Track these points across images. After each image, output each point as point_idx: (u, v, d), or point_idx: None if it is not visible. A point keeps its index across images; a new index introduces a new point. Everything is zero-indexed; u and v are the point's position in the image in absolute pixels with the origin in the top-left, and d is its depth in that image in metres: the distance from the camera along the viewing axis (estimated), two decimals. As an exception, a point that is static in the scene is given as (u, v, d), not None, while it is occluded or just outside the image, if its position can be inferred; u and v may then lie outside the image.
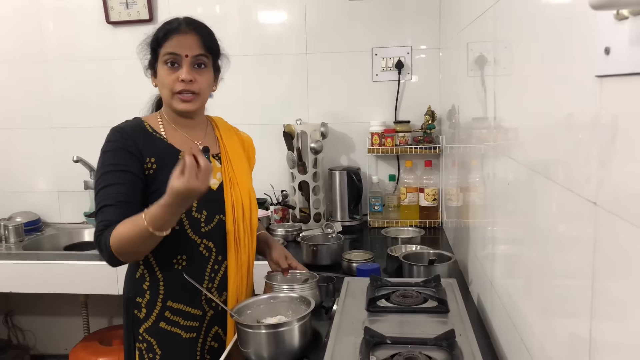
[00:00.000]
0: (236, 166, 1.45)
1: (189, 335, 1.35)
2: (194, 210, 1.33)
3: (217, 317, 1.39)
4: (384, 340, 1.07)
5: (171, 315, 1.34)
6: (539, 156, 0.88)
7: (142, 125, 1.35)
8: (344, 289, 1.40)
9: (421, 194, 2.40)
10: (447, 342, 1.06)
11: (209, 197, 1.34)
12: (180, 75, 1.31)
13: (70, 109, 2.72)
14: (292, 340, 1.17)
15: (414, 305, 1.28)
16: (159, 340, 1.34)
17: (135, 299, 1.35)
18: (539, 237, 0.90)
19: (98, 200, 1.27)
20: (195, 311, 1.36)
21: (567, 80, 0.74)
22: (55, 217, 2.78)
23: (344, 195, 2.42)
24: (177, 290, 1.34)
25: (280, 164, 2.51)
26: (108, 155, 1.29)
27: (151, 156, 1.31)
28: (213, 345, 1.39)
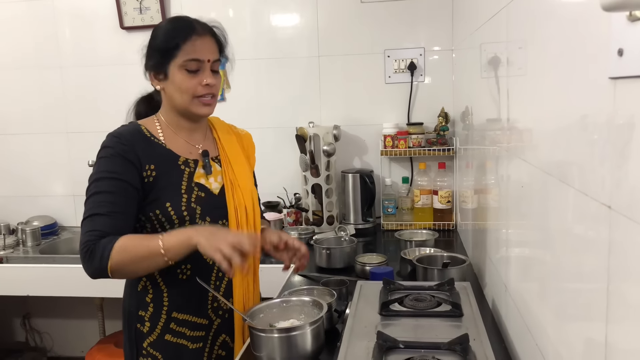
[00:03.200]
0: (236, 168, 1.41)
1: (195, 345, 1.33)
2: (198, 218, 1.30)
3: (224, 325, 1.38)
4: (397, 345, 1.07)
5: (177, 327, 1.31)
6: (552, 158, 0.87)
7: (140, 130, 1.31)
8: (356, 292, 1.39)
9: (435, 196, 2.39)
10: (460, 347, 1.05)
11: (211, 202, 1.33)
12: (204, 79, 1.29)
13: (86, 114, 2.75)
14: (305, 344, 1.17)
15: (427, 309, 1.27)
16: (165, 353, 1.31)
17: (138, 313, 1.30)
18: (553, 240, 0.89)
19: (89, 207, 1.22)
20: (201, 320, 1.34)
21: (581, 81, 0.73)
22: (72, 221, 2.82)
23: (357, 198, 2.41)
24: (182, 301, 1.31)
25: (293, 167, 2.51)
26: (103, 161, 1.25)
27: (150, 163, 1.28)
28: (220, 354, 1.37)
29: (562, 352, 0.83)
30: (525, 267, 1.08)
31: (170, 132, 1.35)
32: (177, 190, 1.30)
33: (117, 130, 1.32)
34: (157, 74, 1.32)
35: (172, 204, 1.28)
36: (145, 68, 1.35)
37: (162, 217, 1.27)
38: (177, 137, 1.36)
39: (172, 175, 1.31)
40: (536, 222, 0.99)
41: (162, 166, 1.29)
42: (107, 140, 1.28)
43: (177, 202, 1.28)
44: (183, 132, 1.37)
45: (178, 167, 1.32)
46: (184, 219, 1.28)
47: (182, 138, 1.36)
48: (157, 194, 1.27)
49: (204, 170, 1.36)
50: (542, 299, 0.96)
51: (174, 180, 1.31)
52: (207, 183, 1.35)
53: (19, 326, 2.98)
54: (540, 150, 0.95)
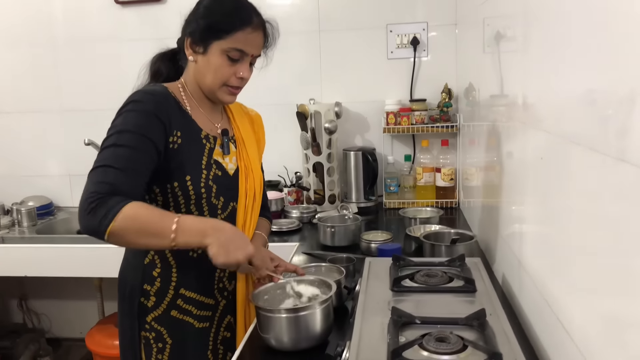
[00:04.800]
0: (250, 151, 1.39)
1: (201, 324, 1.31)
2: (213, 197, 1.27)
3: (229, 306, 1.35)
4: (413, 320, 1.04)
5: (183, 304, 1.28)
6: (578, 127, 0.84)
7: (169, 94, 1.24)
8: (366, 269, 1.37)
9: (438, 174, 2.36)
10: (477, 322, 1.02)
11: (226, 183, 1.31)
12: (241, 72, 1.25)
13: (80, 91, 2.69)
14: (315, 324, 1.14)
15: (439, 284, 1.25)
16: (170, 329, 1.28)
17: (142, 287, 1.26)
18: (577, 213, 0.86)
19: (104, 156, 1.10)
20: (208, 300, 1.31)
21: (607, 47, 0.69)
22: (68, 201, 2.77)
23: (359, 176, 2.38)
24: (190, 279, 1.28)
25: (294, 145, 2.47)
26: (131, 115, 1.14)
27: (178, 129, 1.22)
28: (226, 336, 1.35)
29: (587, 326, 0.81)
30: (543, 242, 1.05)
31: (193, 104, 1.30)
32: (198, 164, 1.26)
33: (148, 87, 1.24)
34: (196, 45, 1.25)
35: (191, 178, 1.23)
36: (183, 31, 1.28)
37: (178, 190, 1.23)
38: (200, 110, 1.31)
39: (195, 147, 1.26)
40: (556, 195, 0.97)
41: (187, 136, 1.24)
42: (137, 95, 1.19)
43: (196, 177, 1.24)
44: (205, 107, 1.33)
45: (200, 141, 1.28)
46: (201, 196, 1.25)
47: (204, 112, 1.32)
48: (178, 164, 1.22)
49: (221, 150, 1.32)
50: (563, 273, 0.93)
51: (196, 153, 1.26)
52: (224, 162, 1.32)
53: (15, 308, 2.94)
54: (563, 119, 0.91)
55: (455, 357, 0.92)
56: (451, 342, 0.95)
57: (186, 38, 1.26)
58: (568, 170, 0.90)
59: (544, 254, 1.04)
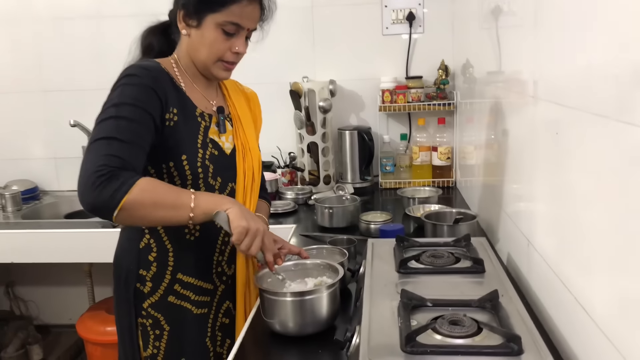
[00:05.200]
0: (247, 130, 1.34)
1: (200, 310, 1.26)
2: (210, 177, 1.22)
3: (228, 292, 1.31)
4: (424, 303, 1.00)
5: (181, 289, 1.24)
6: (597, 100, 0.80)
7: (163, 69, 1.18)
8: (369, 250, 1.33)
9: (434, 153, 2.32)
10: (490, 304, 0.99)
11: (223, 163, 1.26)
12: (236, 46, 1.20)
13: (63, 70, 2.59)
14: (321, 308, 1.10)
15: (446, 265, 1.21)
16: (168, 315, 1.23)
17: (138, 272, 1.21)
18: (594, 189, 0.82)
19: (105, 128, 1.04)
20: (207, 285, 1.27)
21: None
22: (54, 185, 2.68)
23: (354, 156, 2.33)
24: (187, 263, 1.24)
25: (287, 125, 2.40)
26: (128, 88, 1.09)
27: (174, 106, 1.16)
28: (224, 322, 1.31)
29: (609, 306, 0.78)
30: (557, 220, 1.02)
31: (187, 80, 1.25)
32: (194, 143, 1.21)
33: (140, 62, 1.18)
34: (189, 18, 1.19)
35: (188, 157, 1.18)
36: (176, 3, 1.22)
37: (174, 170, 1.18)
38: (194, 87, 1.26)
39: (191, 126, 1.21)
40: (572, 172, 0.93)
41: (182, 113, 1.19)
42: (132, 69, 1.13)
43: (193, 156, 1.19)
44: (200, 83, 1.27)
45: (195, 119, 1.22)
46: (197, 175, 1.20)
47: (198, 89, 1.27)
48: (174, 142, 1.16)
49: (217, 128, 1.27)
50: (580, 252, 0.90)
51: (192, 131, 1.21)
52: (220, 141, 1.27)
53: (2, 295, 2.87)
54: (584, 91, 0.87)
55: (470, 341, 0.89)
56: (465, 325, 0.92)
57: (179, 10, 1.20)
58: (585, 145, 0.86)
59: (558, 233, 1.01)
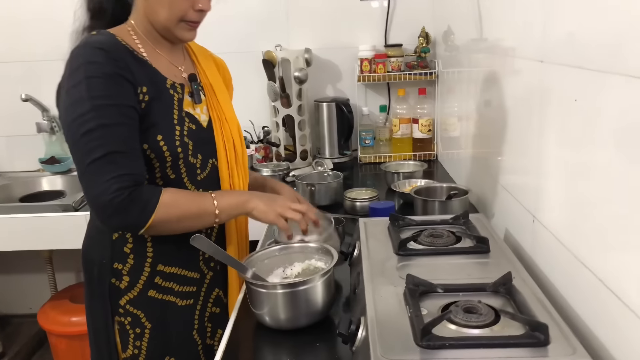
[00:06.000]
0: (221, 98, 1.21)
1: (185, 302, 1.15)
2: (190, 155, 1.09)
3: (218, 278, 1.20)
4: (433, 289, 0.92)
5: (163, 282, 1.12)
6: (623, 63, 0.71)
7: (119, 42, 1.04)
8: (362, 231, 1.23)
9: (415, 125, 2.24)
10: (504, 288, 0.91)
11: (202, 137, 1.13)
12: (199, 3, 1.06)
13: (9, 40, 2.35)
14: (316, 298, 1.00)
15: (447, 245, 1.13)
16: (149, 311, 1.11)
17: (112, 265, 1.09)
18: (614, 159, 0.74)
19: (99, 143, 0.94)
20: (192, 274, 1.15)
21: None
22: (6, 166, 2.47)
23: (332, 130, 2.22)
24: (169, 252, 1.11)
25: (261, 97, 2.26)
26: (95, 83, 0.96)
27: (142, 84, 1.03)
28: (214, 312, 1.20)
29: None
30: (575, 195, 0.94)
31: (150, 48, 1.10)
32: (169, 120, 1.07)
33: (94, 39, 1.01)
34: None
35: (164, 137, 1.05)
36: None
37: (150, 153, 1.04)
38: (159, 55, 1.11)
39: (163, 101, 1.07)
40: (590, 142, 0.85)
41: (152, 89, 1.05)
42: (89, 54, 0.98)
43: (170, 135, 1.06)
44: (164, 49, 1.13)
45: (167, 92, 1.08)
46: (177, 155, 1.07)
47: (164, 55, 1.12)
48: (148, 123, 1.03)
49: (191, 99, 1.13)
50: (600, 227, 0.82)
51: (166, 107, 1.07)
52: (195, 114, 1.14)
53: (-47, 285, 2.66)
54: (607, 53, 0.78)
55: (489, 331, 0.81)
56: (482, 312, 0.83)
57: None
58: (610, 111, 0.78)
59: (575, 208, 0.93)
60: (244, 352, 0.99)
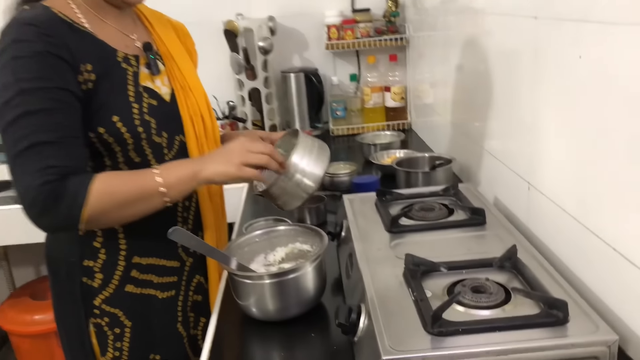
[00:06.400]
0: (183, 66, 1.08)
1: (166, 294, 1.05)
2: (154, 134, 0.98)
3: (198, 265, 1.10)
4: (436, 268, 0.85)
5: (140, 275, 1.01)
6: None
7: (55, 15, 0.90)
8: (348, 209, 1.15)
9: (387, 94, 2.16)
10: (510, 262, 0.85)
11: (165, 112, 1.01)
12: None
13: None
14: (307, 286, 0.92)
15: (441, 219, 1.06)
16: (128, 308, 1.01)
17: (82, 263, 0.98)
18: (621, 119, 0.69)
19: (23, 133, 0.82)
20: (172, 263, 1.05)
21: None
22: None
23: (302, 102, 2.12)
24: (144, 241, 1.00)
25: (224, 70, 2.13)
26: (22, 63, 0.83)
27: (85, 61, 0.89)
28: (196, 300, 1.11)
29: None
30: (578, 159, 0.88)
31: (93, 17, 0.95)
32: (124, 97, 0.95)
33: (22, 15, 0.87)
34: None
35: (121, 118, 0.93)
36: None
37: (108, 137, 0.92)
38: (105, 24, 0.97)
39: (115, 78, 0.94)
40: (594, 101, 0.78)
41: (99, 65, 0.91)
42: (17, 31, 0.85)
43: (127, 114, 0.94)
44: (110, 16, 0.98)
45: (118, 66, 0.96)
46: (138, 136, 0.95)
47: (111, 24, 0.98)
48: (98, 104, 0.91)
49: (148, 70, 1.01)
50: (608, 190, 0.77)
51: (119, 83, 0.95)
52: (155, 87, 1.01)
53: None
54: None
55: (500, 311, 0.75)
56: (492, 291, 0.77)
57: None
58: (615, 67, 0.71)
59: (579, 174, 0.87)
60: (232, 348, 0.91)
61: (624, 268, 0.75)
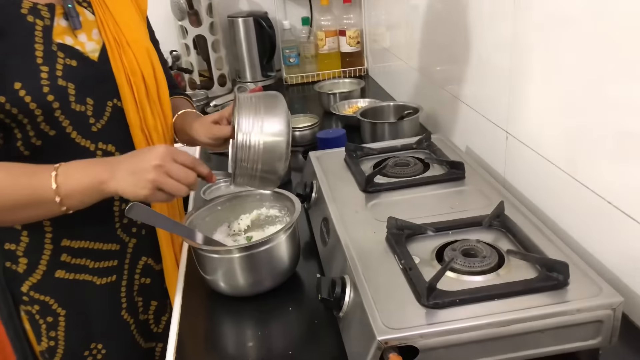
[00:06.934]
0: (119, 14, 0.92)
1: (105, 280, 0.94)
2: (73, 102, 0.83)
3: (143, 245, 0.99)
4: (422, 231, 0.78)
5: (72, 259, 0.90)
6: None
7: None
8: (316, 167, 1.06)
9: (342, 38, 2.04)
10: (498, 220, 0.80)
11: (90, 75, 0.86)
12: None
13: None
14: (281, 257, 0.84)
15: (417, 175, 0.99)
16: (59, 295, 0.91)
17: (3, 247, 0.89)
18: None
19: None
20: (110, 246, 0.94)
21: None
22: None
23: (252, 49, 1.97)
24: (74, 223, 0.87)
25: (165, 17, 1.93)
26: None
27: None
28: (144, 283, 1.00)
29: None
30: (564, 104, 0.82)
31: None
32: (30, 59, 0.79)
33: None
34: None
35: (25, 85, 0.77)
36: None
37: (11, 107, 0.77)
38: None
39: (17, 35, 0.78)
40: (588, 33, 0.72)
41: None
42: None
43: (32, 81, 0.78)
44: None
45: (23, 20, 0.79)
46: (48, 105, 0.80)
47: None
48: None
49: (67, 22, 0.84)
50: (596, 136, 0.72)
51: (21, 43, 0.79)
52: (77, 43, 0.85)
53: None
54: None
55: (495, 276, 0.70)
56: (485, 254, 0.72)
57: None
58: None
59: (564, 121, 0.82)
60: (201, 328, 0.82)
61: (623, 223, 0.70)
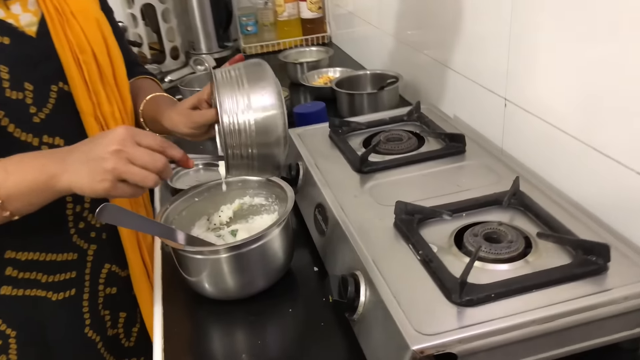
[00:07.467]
0: None
1: (63, 295, 0.82)
2: (7, 87, 0.70)
3: (104, 251, 0.86)
4: (437, 215, 0.70)
5: (19, 273, 0.78)
6: None
7: None
8: (300, 147, 0.96)
9: (302, 4, 1.90)
10: (515, 198, 0.72)
11: (26, 53, 0.73)
12: None
13: None
14: (275, 254, 0.74)
15: (412, 150, 0.91)
16: (7, 315, 0.79)
17: None
18: None
19: None
20: (65, 256, 0.81)
21: None
22: None
23: (206, 18, 1.81)
24: (20, 231, 0.75)
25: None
26: None
27: None
28: (110, 293, 0.88)
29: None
30: (569, 66, 0.75)
31: None
32: None
33: None
34: None
35: None
36: None
37: None
38: None
39: None
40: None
41: None
42: None
43: None
44: None
45: None
46: None
47: None
48: None
49: None
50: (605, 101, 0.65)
51: None
52: (9, 16, 0.72)
53: None
54: None
55: (524, 263, 0.62)
56: (510, 239, 0.65)
57: None
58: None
59: (574, 83, 0.74)
60: (186, 342, 0.71)
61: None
